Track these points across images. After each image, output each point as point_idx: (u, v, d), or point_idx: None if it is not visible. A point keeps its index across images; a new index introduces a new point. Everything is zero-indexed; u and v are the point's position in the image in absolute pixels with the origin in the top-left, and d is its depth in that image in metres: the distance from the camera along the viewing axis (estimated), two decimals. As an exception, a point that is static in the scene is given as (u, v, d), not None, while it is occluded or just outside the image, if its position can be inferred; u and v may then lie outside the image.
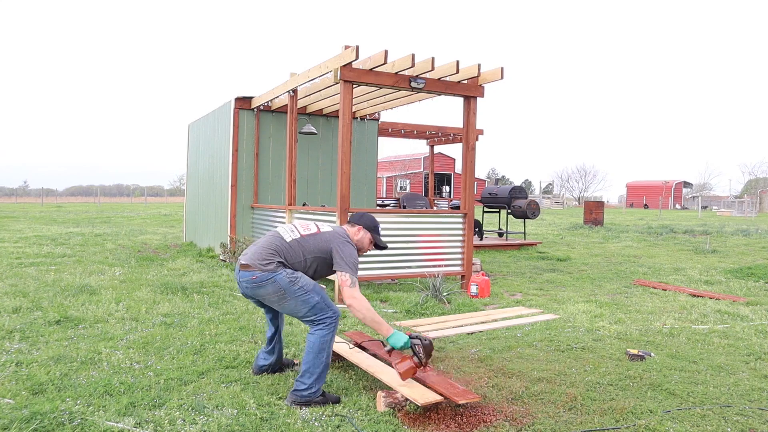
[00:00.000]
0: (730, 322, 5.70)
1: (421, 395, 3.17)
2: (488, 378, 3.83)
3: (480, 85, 7.32)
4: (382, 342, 3.44)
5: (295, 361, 4.00)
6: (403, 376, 3.29)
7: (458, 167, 41.27)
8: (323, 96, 9.01)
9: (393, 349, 3.35)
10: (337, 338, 4.25)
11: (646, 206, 42.79)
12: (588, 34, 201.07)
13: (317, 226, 3.58)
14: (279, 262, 3.37)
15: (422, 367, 3.38)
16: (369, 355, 3.96)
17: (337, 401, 3.36)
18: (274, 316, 3.78)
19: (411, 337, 3.35)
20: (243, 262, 3.43)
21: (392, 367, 3.41)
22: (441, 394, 3.21)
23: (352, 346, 3.95)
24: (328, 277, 3.82)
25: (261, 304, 3.62)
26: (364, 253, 3.75)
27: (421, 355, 3.33)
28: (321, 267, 3.50)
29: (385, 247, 3.76)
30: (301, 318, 3.40)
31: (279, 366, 3.88)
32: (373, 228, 3.67)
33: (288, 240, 3.46)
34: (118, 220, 20.72)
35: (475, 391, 3.53)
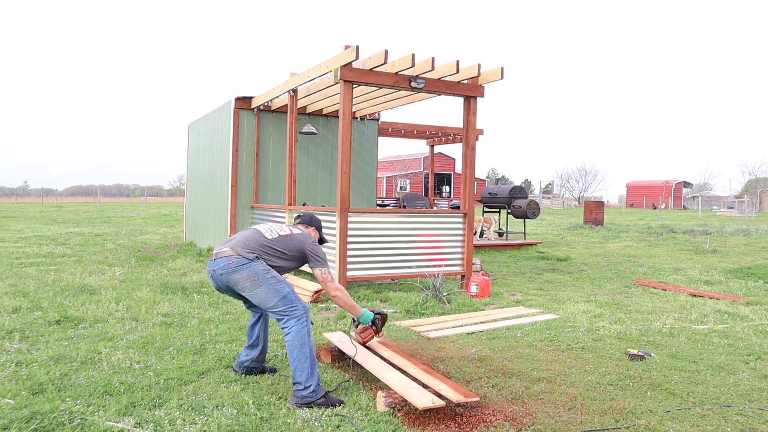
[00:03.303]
0: (730, 322, 5.70)
1: (419, 398, 3.17)
2: (488, 378, 3.83)
3: (480, 85, 7.32)
4: (353, 319, 4.04)
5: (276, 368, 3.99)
6: (363, 339, 4.01)
7: (458, 167, 41.26)
8: (323, 96, 9.02)
9: (360, 323, 4.01)
10: (343, 338, 4.26)
11: (654, 206, 42.73)
12: (588, 34, 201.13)
13: (289, 228, 3.86)
14: (258, 254, 3.55)
15: (378, 333, 4.05)
16: (372, 354, 3.97)
17: (340, 404, 3.34)
18: (254, 307, 3.84)
19: (375, 313, 4.02)
20: (219, 251, 3.57)
21: (359, 341, 4.03)
22: (439, 395, 3.21)
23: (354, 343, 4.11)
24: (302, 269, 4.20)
25: (236, 296, 3.65)
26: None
27: (379, 324, 4.03)
28: (293, 264, 3.80)
29: (326, 241, 4.24)
30: (270, 309, 3.47)
31: (260, 366, 3.86)
32: (320, 227, 4.12)
33: (269, 237, 3.68)
34: (118, 220, 20.72)
35: (475, 391, 3.54)
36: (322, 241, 4.13)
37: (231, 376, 3.78)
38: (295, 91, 8.29)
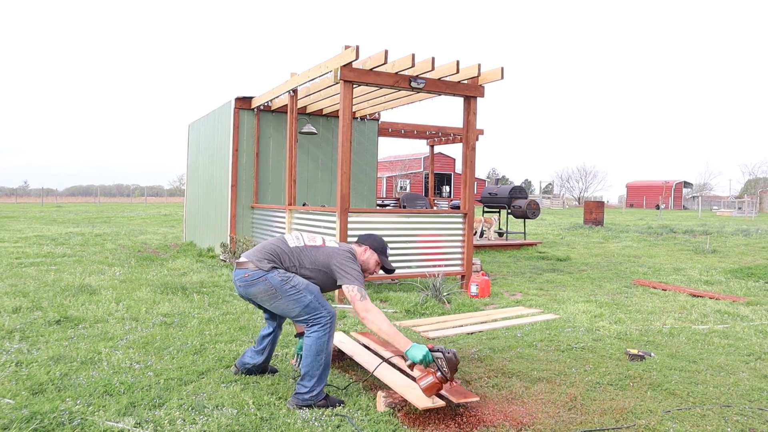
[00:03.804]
0: (730, 322, 5.70)
1: (419, 399, 3.17)
2: (488, 378, 3.83)
3: (480, 85, 7.32)
4: (403, 356, 3.23)
5: (277, 369, 3.93)
6: (426, 392, 3.06)
7: (458, 167, 41.27)
8: (323, 96, 9.01)
9: (412, 363, 3.12)
10: (346, 339, 4.25)
11: (657, 207, 42.77)
12: (588, 34, 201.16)
13: (323, 239, 3.55)
14: (274, 263, 3.36)
15: (447, 382, 3.10)
16: (372, 353, 3.97)
17: (340, 404, 3.33)
18: (273, 316, 3.75)
19: (432, 350, 3.08)
20: (240, 260, 3.44)
21: (410, 377, 3.25)
22: (439, 395, 3.21)
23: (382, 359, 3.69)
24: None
25: (258, 306, 3.61)
26: (369, 275, 3.63)
27: (445, 369, 3.04)
28: (320, 281, 3.42)
29: (393, 271, 3.67)
30: (294, 318, 3.36)
31: (263, 370, 3.83)
32: (381, 250, 3.57)
33: (291, 245, 3.45)
34: (118, 220, 20.72)
35: (475, 391, 3.54)
36: (386, 269, 3.63)
37: (231, 376, 3.77)
38: (295, 91, 8.29)
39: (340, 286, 3.38)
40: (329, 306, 3.36)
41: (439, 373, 3.05)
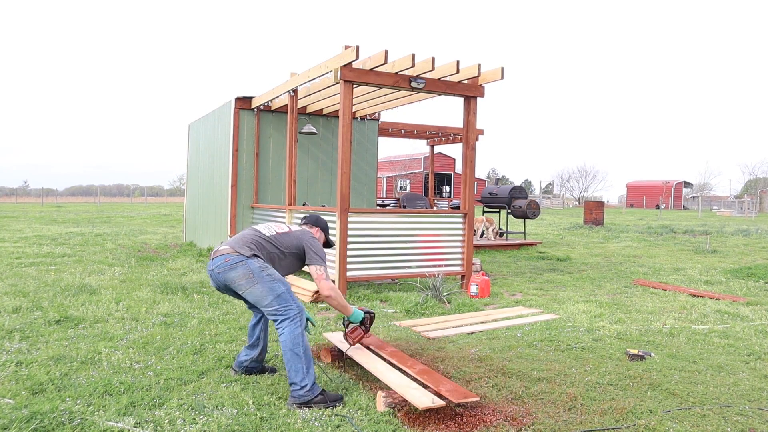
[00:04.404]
0: (730, 322, 5.70)
1: (419, 398, 3.17)
2: (488, 378, 3.83)
3: (480, 85, 7.32)
4: (343, 319, 3.99)
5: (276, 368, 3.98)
6: (353, 339, 3.93)
7: (458, 167, 41.27)
8: (323, 96, 9.02)
9: (350, 323, 3.94)
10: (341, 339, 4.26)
11: (657, 207, 42.85)
12: (588, 34, 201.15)
13: (288, 226, 3.89)
14: (254, 251, 3.55)
15: (366, 333, 3.97)
16: (372, 354, 3.97)
17: (340, 399, 3.36)
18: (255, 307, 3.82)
19: (365, 312, 3.95)
20: (218, 249, 3.60)
21: (346, 340, 3.98)
22: (439, 395, 3.21)
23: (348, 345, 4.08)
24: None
25: (236, 295, 3.62)
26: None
27: (367, 323, 3.96)
28: (293, 262, 3.78)
29: (333, 245, 4.21)
30: (265, 308, 3.45)
31: (260, 366, 3.86)
32: (326, 229, 4.09)
33: (267, 235, 3.70)
34: (118, 220, 20.72)
35: (475, 391, 3.54)
36: (328, 244, 4.09)
37: (231, 376, 3.78)
38: (295, 91, 8.29)
39: (305, 265, 3.78)
40: (298, 301, 3.54)
41: (362, 327, 3.95)
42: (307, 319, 3.71)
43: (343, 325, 4.06)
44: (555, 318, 5.75)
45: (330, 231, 4.23)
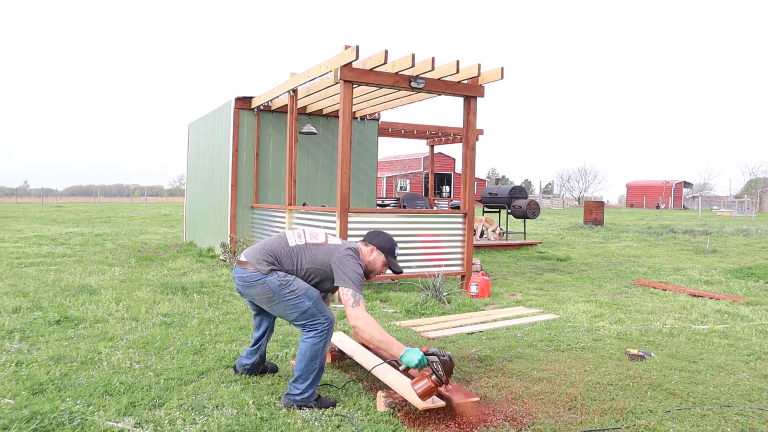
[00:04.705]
0: (730, 322, 5.70)
1: (420, 399, 3.17)
2: (488, 378, 3.83)
3: (480, 85, 7.32)
4: (397, 361, 3.16)
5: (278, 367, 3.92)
6: (422, 397, 3.02)
7: (458, 167, 41.26)
8: (323, 96, 9.01)
9: (407, 367, 3.09)
10: (343, 339, 4.25)
11: (657, 207, 42.89)
12: (588, 34, 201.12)
13: (326, 236, 3.42)
14: (273, 264, 3.28)
15: (442, 385, 3.06)
16: (372, 353, 3.97)
17: (333, 405, 3.30)
18: (262, 320, 3.70)
19: (427, 354, 3.06)
20: (240, 259, 3.40)
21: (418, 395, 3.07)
22: (439, 395, 3.21)
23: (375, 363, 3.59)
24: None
25: (253, 305, 3.59)
26: (375, 276, 3.50)
27: (441, 372, 3.02)
28: (322, 280, 3.34)
29: (401, 272, 3.51)
30: (291, 322, 3.34)
31: (261, 368, 3.82)
32: (389, 250, 3.41)
33: (291, 245, 3.34)
34: (118, 220, 20.72)
35: (475, 391, 3.53)
36: (394, 270, 3.44)
37: (231, 376, 3.77)
38: (295, 91, 8.29)
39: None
40: (328, 312, 3.29)
41: (434, 376, 3.02)
42: None
43: (399, 367, 3.19)
44: (555, 318, 5.75)
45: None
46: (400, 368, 3.17)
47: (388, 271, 3.52)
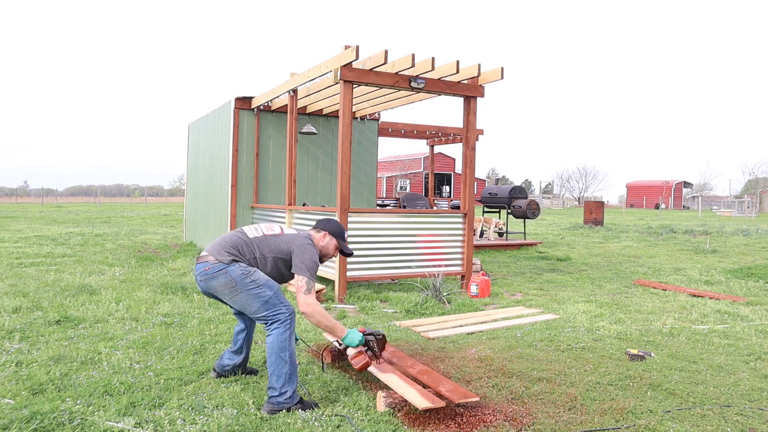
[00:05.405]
0: (730, 322, 5.70)
1: (419, 399, 3.17)
2: (488, 378, 3.83)
3: (480, 85, 7.32)
4: (337, 343, 3.53)
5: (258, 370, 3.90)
6: (359, 370, 3.43)
7: (458, 167, 41.26)
8: (323, 96, 9.01)
9: (348, 346, 3.43)
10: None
11: (657, 207, 42.99)
12: (588, 35, 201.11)
13: (281, 228, 3.56)
14: (234, 255, 3.34)
15: (376, 360, 3.52)
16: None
17: (316, 407, 3.27)
18: (241, 312, 3.67)
19: (365, 334, 3.46)
20: (201, 254, 3.44)
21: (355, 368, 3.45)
22: (439, 395, 3.21)
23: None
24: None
25: (221, 301, 3.54)
26: (329, 259, 3.67)
27: (375, 349, 3.48)
28: (280, 269, 3.45)
29: (351, 254, 3.74)
30: (253, 314, 3.33)
31: (243, 370, 3.79)
32: (339, 234, 3.63)
33: (250, 236, 3.45)
34: (118, 220, 20.72)
35: (475, 391, 3.54)
36: (344, 253, 3.68)
37: (231, 376, 3.77)
38: (295, 91, 8.29)
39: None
40: (288, 302, 3.36)
41: (369, 352, 3.44)
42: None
43: (337, 346, 3.60)
44: (555, 318, 5.75)
45: (344, 236, 3.68)
46: (341, 347, 3.52)
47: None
